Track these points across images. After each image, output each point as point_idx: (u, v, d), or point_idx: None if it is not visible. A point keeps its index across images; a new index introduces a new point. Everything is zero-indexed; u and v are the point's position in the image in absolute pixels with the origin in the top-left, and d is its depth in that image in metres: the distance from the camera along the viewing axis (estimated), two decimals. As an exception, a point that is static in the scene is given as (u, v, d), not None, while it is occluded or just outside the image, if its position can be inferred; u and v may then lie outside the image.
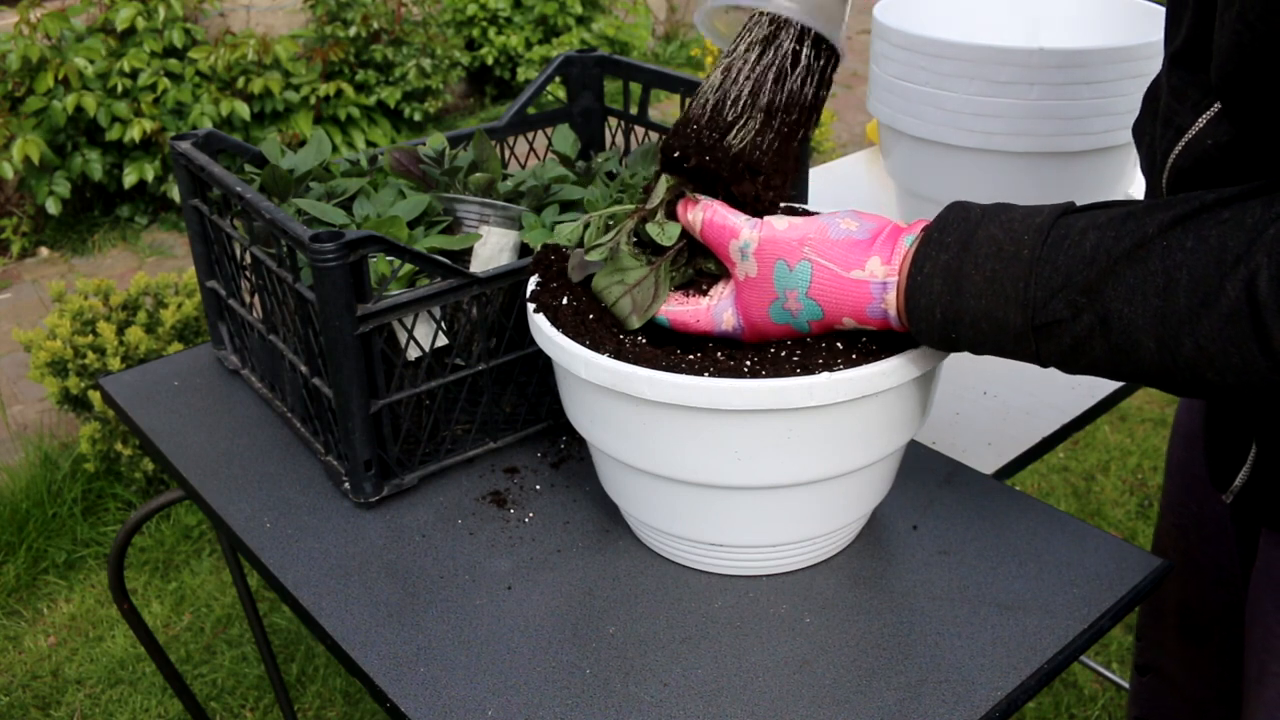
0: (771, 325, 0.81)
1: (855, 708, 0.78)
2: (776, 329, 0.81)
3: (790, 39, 0.80)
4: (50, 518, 2.38)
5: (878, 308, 0.76)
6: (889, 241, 0.76)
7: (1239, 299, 0.61)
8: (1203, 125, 0.72)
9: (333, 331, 0.91)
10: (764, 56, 0.81)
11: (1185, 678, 1.16)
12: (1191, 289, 0.63)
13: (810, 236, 0.78)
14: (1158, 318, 0.65)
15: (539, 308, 0.87)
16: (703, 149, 0.81)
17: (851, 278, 0.76)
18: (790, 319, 0.80)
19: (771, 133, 0.81)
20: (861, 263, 0.76)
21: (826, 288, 0.77)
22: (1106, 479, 2.53)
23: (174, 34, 3.78)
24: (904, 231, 0.77)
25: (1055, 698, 1.98)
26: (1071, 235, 0.69)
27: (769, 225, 0.79)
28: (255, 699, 2.02)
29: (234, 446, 1.10)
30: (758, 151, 0.81)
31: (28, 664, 2.10)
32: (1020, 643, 0.83)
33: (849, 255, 0.77)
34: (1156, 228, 0.66)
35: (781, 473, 0.81)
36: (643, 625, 0.86)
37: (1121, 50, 1.23)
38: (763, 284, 0.79)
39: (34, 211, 3.77)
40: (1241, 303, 0.61)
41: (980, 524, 0.95)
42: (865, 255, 0.76)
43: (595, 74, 1.36)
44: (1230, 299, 0.61)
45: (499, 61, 4.82)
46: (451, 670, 0.82)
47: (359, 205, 1.08)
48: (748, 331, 0.82)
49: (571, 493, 1.01)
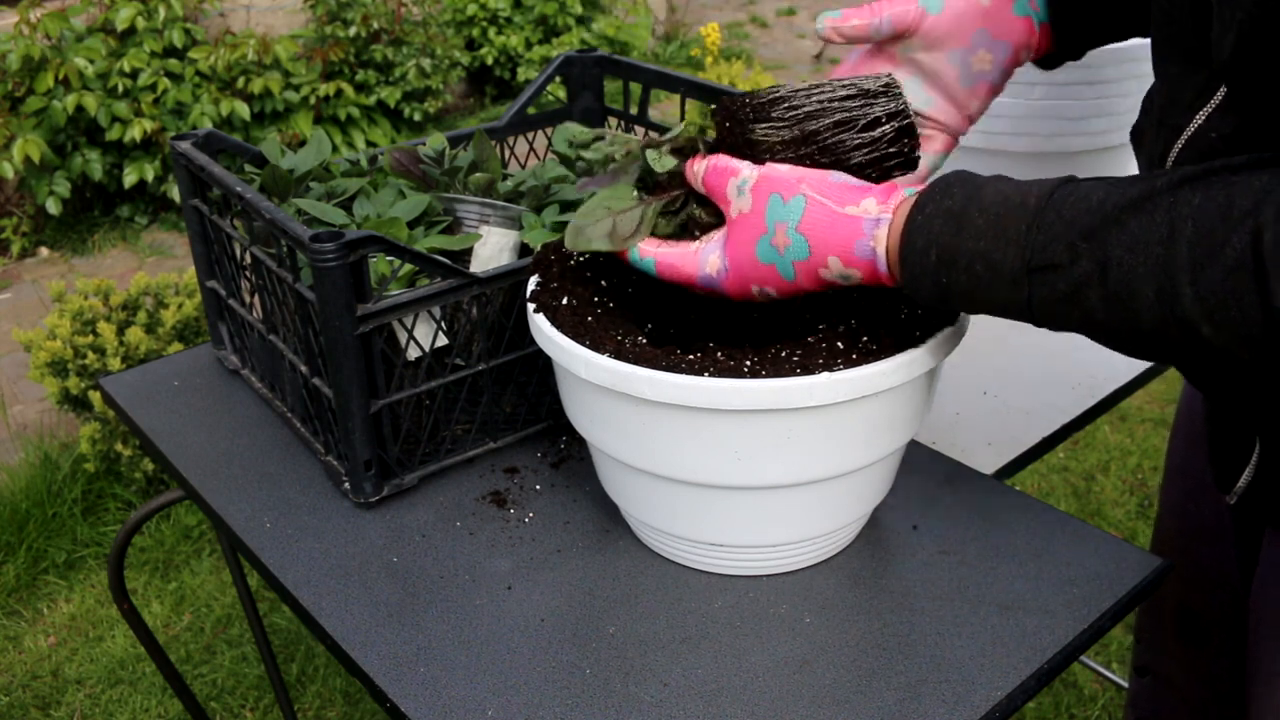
0: (756, 265, 0.80)
1: (855, 708, 0.78)
2: (760, 271, 0.80)
3: (885, 109, 0.82)
4: (50, 518, 2.38)
5: (866, 245, 0.75)
6: (888, 189, 0.77)
7: (1244, 251, 0.60)
8: (1202, 121, 0.72)
9: (333, 331, 0.91)
10: (851, 101, 0.82)
11: (1184, 679, 1.15)
12: (1196, 240, 0.62)
13: (809, 176, 0.78)
14: (1159, 266, 0.63)
15: (539, 308, 0.87)
16: (734, 119, 0.83)
17: (844, 212, 0.76)
18: (776, 257, 0.78)
19: (794, 155, 0.82)
20: (856, 200, 0.76)
21: (817, 222, 0.76)
22: (1106, 479, 2.53)
23: (174, 34, 3.78)
24: (904, 186, 0.77)
25: (1055, 698, 1.97)
26: (1079, 191, 0.69)
27: (770, 165, 0.80)
28: (255, 699, 2.02)
29: (234, 446, 1.10)
30: (767, 155, 0.82)
31: (28, 664, 2.10)
32: (1020, 643, 0.83)
33: (845, 194, 0.76)
34: (1165, 184, 0.65)
35: (781, 473, 0.81)
36: (643, 625, 0.86)
37: (1123, 50, 1.23)
38: (754, 218, 0.79)
39: (34, 211, 3.77)
40: (1246, 255, 0.60)
41: (980, 524, 0.95)
42: (861, 195, 0.76)
43: (595, 74, 1.36)
44: (1235, 250, 0.60)
45: (499, 61, 4.82)
46: (451, 670, 0.82)
47: (359, 205, 1.08)
48: (731, 274, 0.81)
49: (571, 493, 1.01)
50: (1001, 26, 0.87)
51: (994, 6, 0.87)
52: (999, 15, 0.87)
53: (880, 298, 0.87)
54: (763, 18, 6.30)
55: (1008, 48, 0.87)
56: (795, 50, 5.75)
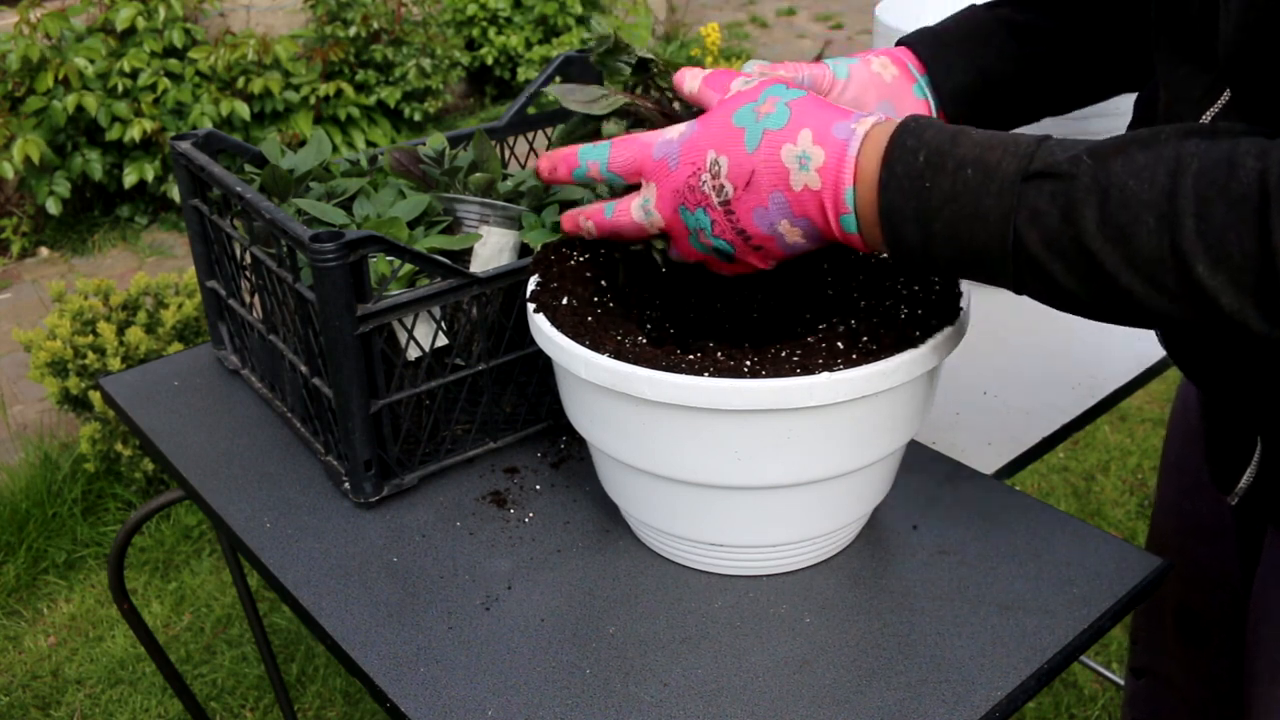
0: (725, 126, 0.76)
1: (855, 708, 0.78)
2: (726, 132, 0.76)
3: None
4: (50, 518, 2.38)
5: (846, 126, 0.72)
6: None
7: (1250, 185, 0.59)
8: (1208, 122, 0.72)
9: (333, 331, 0.91)
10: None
11: (1184, 679, 1.15)
12: (1201, 174, 0.61)
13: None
14: (1164, 194, 0.61)
15: (539, 308, 0.87)
16: None
17: (840, 108, 0.75)
18: (751, 121, 0.75)
19: None
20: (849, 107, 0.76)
21: (810, 102, 0.75)
22: (1106, 479, 2.53)
23: (174, 34, 3.78)
24: None
25: (1055, 698, 1.98)
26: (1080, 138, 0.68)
27: None
28: (255, 699, 2.02)
29: (234, 446, 1.10)
30: None
31: (28, 664, 2.10)
32: (1020, 643, 0.83)
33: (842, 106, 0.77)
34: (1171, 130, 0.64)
35: (781, 473, 0.81)
36: (643, 625, 0.86)
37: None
38: (749, 92, 0.77)
39: (34, 211, 3.77)
40: (1253, 190, 0.59)
41: (980, 524, 0.95)
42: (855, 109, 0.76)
43: (595, 74, 1.36)
44: (1241, 185, 0.59)
45: (499, 61, 4.82)
46: (451, 670, 0.82)
47: (359, 205, 1.08)
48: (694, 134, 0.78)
49: (571, 493, 1.01)
50: (903, 104, 0.88)
51: (895, 85, 0.88)
52: (900, 93, 0.88)
53: (880, 298, 0.87)
54: (763, 18, 6.30)
55: None
56: (795, 50, 5.75)
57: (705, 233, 0.79)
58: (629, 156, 0.81)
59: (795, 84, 0.80)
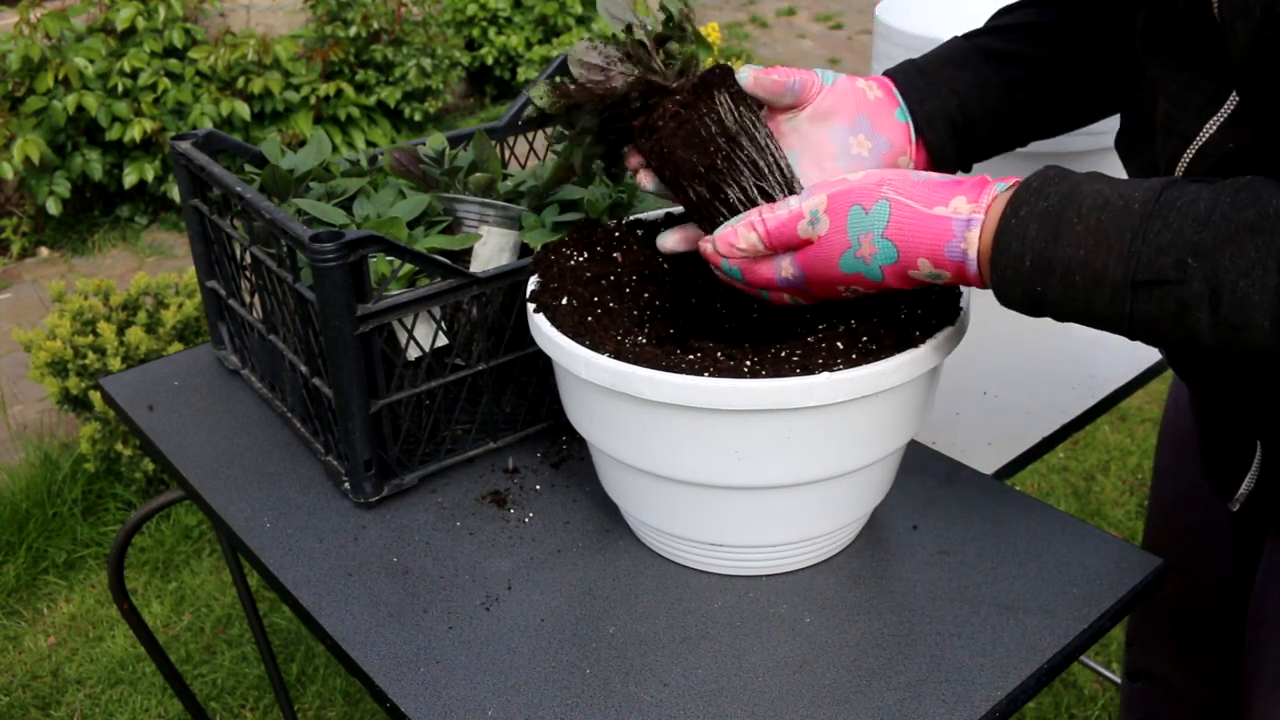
0: (840, 276, 0.77)
1: (855, 708, 0.78)
2: (845, 278, 0.77)
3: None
4: (50, 518, 2.38)
5: (957, 247, 0.72)
6: (978, 185, 0.74)
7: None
8: (1214, 130, 0.71)
9: (333, 331, 0.91)
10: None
11: (1181, 681, 1.15)
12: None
13: (889, 178, 0.75)
14: (1277, 294, 0.61)
15: (539, 308, 0.87)
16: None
17: (933, 214, 0.73)
18: (862, 266, 0.75)
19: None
20: (946, 200, 0.73)
21: (904, 224, 0.73)
22: (1106, 479, 2.52)
23: (174, 34, 3.78)
24: (995, 180, 0.74)
25: (1055, 698, 1.97)
26: (1186, 195, 0.65)
27: (841, 180, 0.77)
28: (255, 699, 2.02)
29: (234, 446, 1.10)
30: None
31: (28, 664, 2.10)
32: (1020, 643, 0.83)
33: (933, 193, 0.74)
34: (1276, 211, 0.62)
35: (781, 473, 0.81)
36: (643, 625, 0.86)
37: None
38: (835, 235, 0.76)
39: (34, 211, 3.77)
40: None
41: (980, 524, 0.95)
42: (951, 194, 0.73)
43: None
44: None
45: (499, 61, 4.82)
46: (451, 670, 0.82)
47: (359, 205, 1.08)
48: (810, 282, 0.79)
49: (571, 493, 1.01)
50: (882, 122, 0.88)
51: (877, 104, 0.88)
52: (881, 111, 0.88)
53: (881, 297, 0.87)
54: (763, 18, 6.30)
55: (886, 143, 0.88)
56: (795, 50, 5.75)
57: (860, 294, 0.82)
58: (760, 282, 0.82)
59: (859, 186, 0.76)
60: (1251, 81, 0.66)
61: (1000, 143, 0.93)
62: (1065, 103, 0.93)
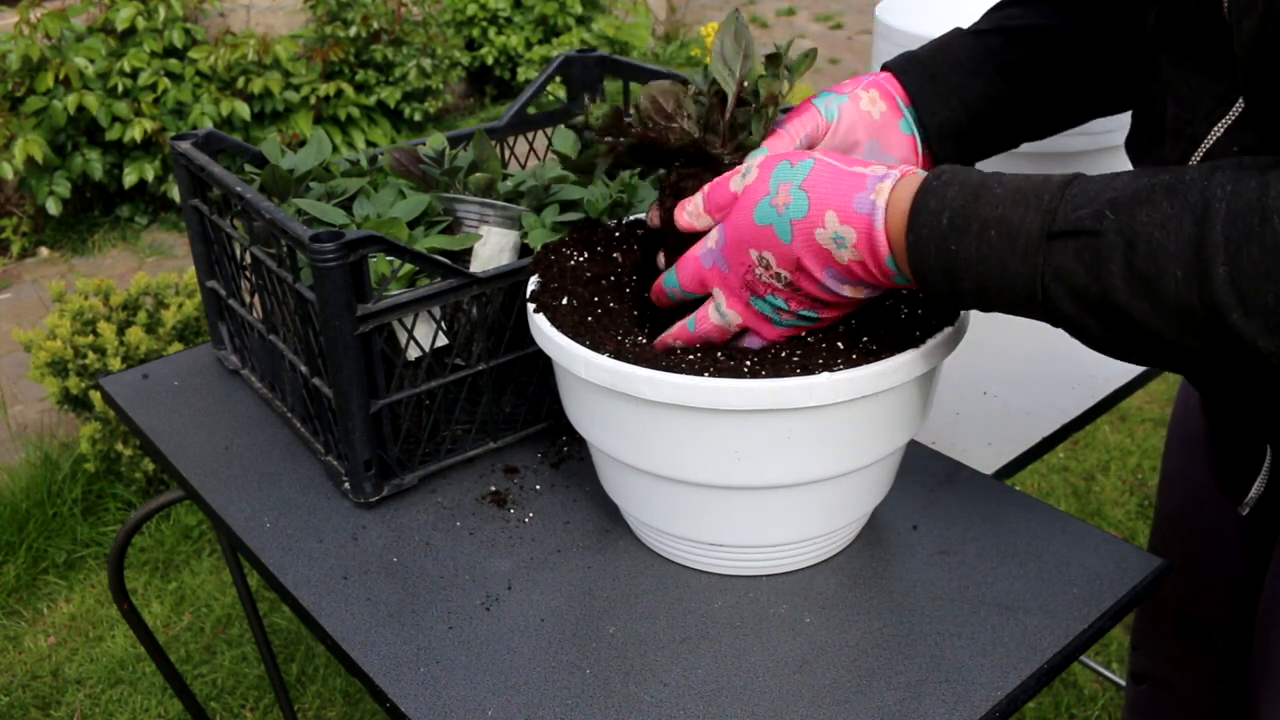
0: (753, 228, 0.77)
1: (855, 708, 0.78)
2: (756, 233, 0.77)
3: None
4: (50, 518, 2.38)
5: (867, 198, 0.72)
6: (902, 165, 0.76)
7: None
8: (1221, 134, 0.71)
9: (333, 331, 0.91)
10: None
11: (1185, 683, 1.15)
12: (1231, 220, 0.59)
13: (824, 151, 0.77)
14: (1192, 245, 0.60)
15: (539, 308, 0.87)
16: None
17: (850, 170, 0.74)
18: (775, 216, 0.76)
19: None
20: (866, 164, 0.75)
21: (821, 177, 0.74)
22: (1106, 479, 2.53)
23: (174, 34, 3.78)
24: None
25: (1055, 698, 1.97)
26: (1105, 175, 0.66)
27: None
28: (255, 699, 2.02)
29: (234, 446, 1.10)
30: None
31: (28, 664, 2.10)
32: (1020, 643, 0.83)
33: (856, 162, 0.76)
34: (1196, 172, 0.63)
35: (781, 473, 0.81)
36: (643, 625, 0.86)
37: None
38: (758, 183, 0.77)
39: (34, 211, 3.77)
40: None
41: (980, 524, 0.95)
42: (872, 164, 0.75)
43: (595, 74, 1.36)
44: (1275, 230, 0.58)
45: (499, 61, 4.82)
46: (451, 670, 0.82)
47: (359, 205, 1.08)
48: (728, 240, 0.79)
49: (571, 493, 1.01)
50: (890, 140, 0.89)
51: (883, 121, 0.89)
52: (888, 129, 0.89)
53: (880, 297, 0.87)
54: (763, 18, 6.30)
55: (895, 160, 0.89)
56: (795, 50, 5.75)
57: (784, 311, 0.80)
58: (689, 274, 0.83)
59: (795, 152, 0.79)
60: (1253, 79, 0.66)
61: (998, 146, 0.94)
62: (1067, 107, 0.94)
